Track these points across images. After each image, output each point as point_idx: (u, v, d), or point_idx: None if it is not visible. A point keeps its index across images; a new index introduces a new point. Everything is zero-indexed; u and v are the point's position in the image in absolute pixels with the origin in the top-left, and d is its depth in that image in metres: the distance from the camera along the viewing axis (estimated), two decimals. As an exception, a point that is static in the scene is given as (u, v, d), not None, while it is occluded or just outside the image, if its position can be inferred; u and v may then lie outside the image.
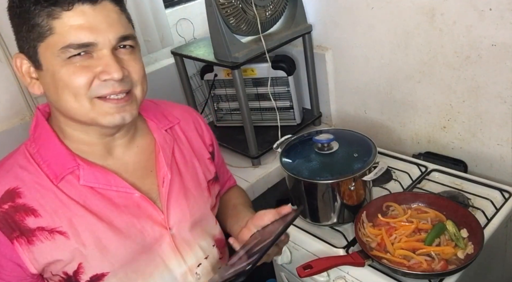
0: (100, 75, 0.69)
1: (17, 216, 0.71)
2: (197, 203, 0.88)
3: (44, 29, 0.67)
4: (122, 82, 0.71)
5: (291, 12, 1.48)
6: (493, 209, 1.13)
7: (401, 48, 1.33)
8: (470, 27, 1.15)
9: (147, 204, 0.79)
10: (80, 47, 0.67)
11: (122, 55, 0.72)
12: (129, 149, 0.82)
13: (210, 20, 1.31)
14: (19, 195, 0.72)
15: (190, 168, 0.90)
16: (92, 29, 0.67)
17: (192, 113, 0.98)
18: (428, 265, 0.96)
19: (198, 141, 0.95)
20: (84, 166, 0.75)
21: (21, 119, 1.33)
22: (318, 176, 1.09)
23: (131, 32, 0.73)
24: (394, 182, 1.31)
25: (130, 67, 0.73)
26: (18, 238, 0.71)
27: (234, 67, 1.32)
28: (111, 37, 0.69)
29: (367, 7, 1.34)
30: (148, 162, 0.84)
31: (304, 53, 1.54)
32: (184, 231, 0.84)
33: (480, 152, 1.30)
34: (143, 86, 0.76)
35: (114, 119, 0.72)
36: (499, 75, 1.15)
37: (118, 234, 0.76)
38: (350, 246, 1.10)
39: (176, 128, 0.92)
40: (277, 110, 1.53)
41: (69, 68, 0.68)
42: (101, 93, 0.70)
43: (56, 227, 0.72)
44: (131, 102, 0.74)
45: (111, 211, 0.76)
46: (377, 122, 1.54)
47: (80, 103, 0.70)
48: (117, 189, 0.77)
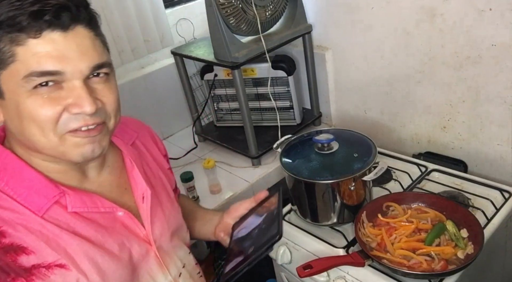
0: (70, 108, 0.63)
1: (8, 258, 0.64)
2: (172, 214, 0.88)
3: (6, 56, 0.61)
4: (95, 115, 0.66)
5: (291, 12, 1.48)
6: (493, 209, 1.13)
7: (401, 48, 1.33)
8: (470, 27, 1.15)
9: (131, 221, 0.77)
10: (44, 75, 0.61)
11: (95, 84, 0.67)
12: (102, 170, 0.79)
13: (210, 20, 1.31)
14: (3, 234, 0.64)
15: (158, 180, 0.88)
16: (61, 58, 0.62)
17: (144, 125, 0.95)
18: (428, 265, 0.96)
19: (157, 152, 0.93)
20: (69, 192, 0.70)
21: None
22: (318, 176, 1.09)
23: (106, 59, 0.68)
24: (394, 182, 1.31)
25: (104, 98, 0.68)
26: (15, 281, 0.64)
27: (234, 67, 1.32)
28: (83, 66, 0.63)
29: (367, 7, 1.34)
30: (121, 179, 0.81)
31: (304, 53, 1.54)
32: (165, 244, 0.84)
33: (480, 152, 1.30)
34: (116, 118, 0.72)
35: (84, 151, 0.67)
36: (499, 75, 1.15)
37: (112, 256, 0.73)
38: (350, 246, 1.10)
39: (137, 142, 0.89)
40: (277, 110, 1.53)
41: (36, 99, 0.62)
42: (71, 127, 0.65)
43: (53, 261, 0.67)
44: (103, 133, 0.69)
45: (101, 234, 0.72)
46: (377, 122, 1.54)
47: (48, 137, 0.65)
48: (104, 210, 0.74)
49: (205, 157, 1.52)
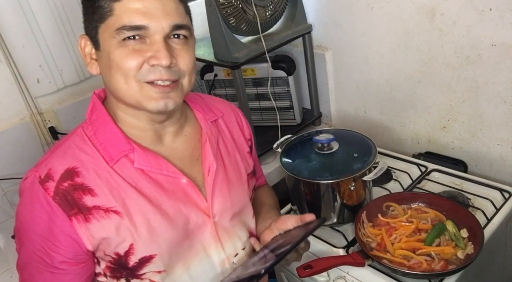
0: (149, 60, 0.71)
1: (76, 194, 0.73)
2: (238, 194, 0.90)
3: (105, 11, 0.70)
4: (170, 70, 0.73)
5: (291, 12, 1.48)
6: (493, 209, 1.13)
7: (401, 48, 1.33)
8: (470, 27, 1.15)
9: (193, 191, 0.82)
10: (133, 29, 0.70)
11: (174, 44, 0.74)
12: (178, 137, 0.85)
13: (210, 20, 1.31)
14: (78, 174, 0.74)
15: (233, 160, 0.92)
16: (147, 14, 0.70)
17: (234, 108, 1.01)
18: (428, 265, 0.96)
19: (239, 134, 0.98)
20: (138, 150, 0.78)
21: (21, 119, 1.33)
22: (318, 176, 1.09)
23: (186, 22, 0.75)
24: (394, 182, 1.31)
25: (179, 57, 0.74)
26: (76, 215, 0.73)
27: (234, 67, 1.32)
28: (165, 24, 0.71)
29: (367, 7, 1.34)
30: (194, 150, 0.86)
31: (304, 53, 1.54)
32: (225, 221, 0.86)
33: (480, 152, 1.30)
34: (191, 77, 0.78)
35: (158, 104, 0.74)
36: (499, 75, 1.15)
37: (166, 218, 0.78)
38: (350, 246, 1.10)
39: (220, 121, 0.94)
40: (277, 110, 1.53)
41: (123, 50, 0.71)
42: (148, 78, 0.72)
43: (111, 206, 0.75)
44: (176, 89, 0.75)
45: (160, 195, 0.78)
46: (377, 122, 1.54)
47: (129, 85, 0.72)
48: (167, 174, 0.79)
49: (205, 157, 1.52)
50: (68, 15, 1.30)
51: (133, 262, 0.77)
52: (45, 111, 1.37)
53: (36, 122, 1.35)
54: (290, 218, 0.87)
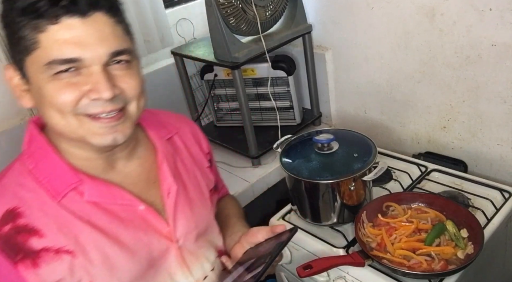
0: (88, 93, 0.64)
1: (20, 238, 0.66)
2: (202, 213, 0.85)
3: (30, 43, 0.62)
4: (114, 101, 0.66)
5: (291, 12, 1.48)
6: (493, 209, 1.13)
7: (401, 48, 1.33)
8: (470, 27, 1.15)
9: (152, 216, 0.76)
10: (65, 63, 0.62)
11: (116, 71, 0.66)
12: (130, 161, 0.79)
13: (210, 20, 1.31)
14: (20, 215, 0.67)
15: (192, 178, 0.87)
16: (80, 44, 0.62)
17: (188, 122, 0.95)
18: (428, 265, 0.96)
19: (197, 149, 0.92)
20: (87, 181, 0.71)
21: (21, 119, 1.33)
22: (318, 176, 1.09)
23: (127, 46, 0.68)
24: (394, 182, 1.31)
25: (124, 84, 0.67)
26: (23, 260, 0.66)
27: (234, 67, 1.32)
28: (102, 52, 0.63)
29: (367, 7, 1.34)
30: (150, 173, 0.80)
31: (304, 53, 1.54)
32: (190, 243, 0.81)
33: (480, 152, 1.30)
34: (140, 103, 0.71)
35: (104, 139, 0.68)
36: (499, 75, 1.15)
37: (125, 250, 0.72)
38: (350, 246, 1.10)
39: (175, 138, 0.88)
40: (277, 110, 1.53)
41: (55, 84, 0.63)
42: (89, 112, 0.65)
43: (62, 246, 0.68)
44: (124, 120, 0.69)
45: (117, 226, 0.72)
46: (377, 122, 1.54)
47: (66, 120, 0.66)
48: (122, 203, 0.74)
49: (205, 157, 1.52)
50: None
51: None
52: (45, 111, 1.37)
53: (36, 122, 1.35)
54: (260, 230, 0.83)
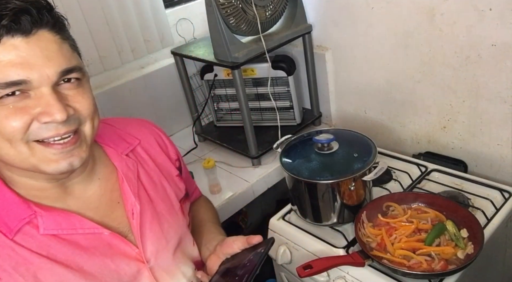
0: (39, 117, 0.59)
1: None
2: (172, 227, 0.82)
3: None
4: (67, 123, 0.62)
5: (291, 12, 1.48)
6: (493, 209, 1.13)
7: (401, 48, 1.33)
8: (470, 27, 1.15)
9: (118, 241, 0.72)
10: (9, 86, 0.57)
11: (66, 90, 0.63)
12: (90, 184, 0.74)
13: (210, 20, 1.31)
14: None
15: (160, 190, 0.83)
16: (25, 65, 0.57)
17: (151, 128, 0.90)
18: (428, 265, 0.96)
19: (163, 158, 0.87)
20: (42, 213, 0.66)
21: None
22: (318, 176, 1.09)
23: (76, 63, 0.63)
24: (394, 182, 1.31)
25: (76, 104, 0.63)
26: None
27: (234, 67, 1.32)
28: (50, 72, 0.59)
29: (367, 7, 1.34)
30: (113, 193, 0.76)
31: (304, 53, 1.54)
32: (163, 261, 0.78)
33: (480, 152, 1.30)
34: (93, 122, 0.67)
35: (60, 166, 0.63)
36: (499, 75, 1.15)
37: (91, 279, 0.68)
38: (350, 246, 1.10)
39: (138, 149, 0.83)
40: (277, 110, 1.53)
41: (1, 110, 0.58)
42: (41, 136, 0.61)
43: None
44: (79, 144, 0.65)
45: (80, 256, 0.68)
46: (377, 122, 1.54)
47: (17, 149, 0.61)
48: (83, 231, 0.69)
49: (205, 157, 1.52)
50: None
51: None
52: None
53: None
54: (236, 241, 0.80)
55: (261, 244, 0.79)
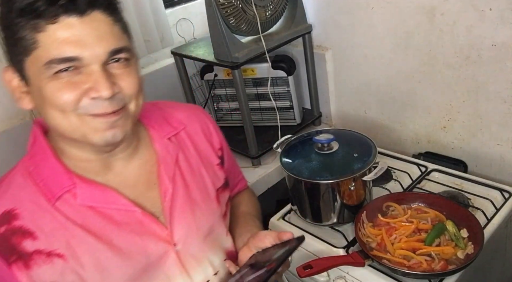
0: (88, 92, 0.65)
1: (14, 239, 0.67)
2: (204, 215, 0.83)
3: (29, 43, 0.63)
4: (113, 101, 0.66)
5: (291, 12, 1.48)
6: (493, 209, 1.13)
7: (401, 48, 1.33)
8: (470, 27, 1.15)
9: (149, 220, 0.75)
10: (64, 62, 0.63)
11: (114, 69, 0.67)
12: (130, 163, 0.78)
13: (210, 20, 1.31)
14: (16, 217, 0.68)
15: (197, 177, 0.85)
16: (78, 43, 0.62)
17: (199, 115, 0.92)
18: (428, 265, 0.96)
19: (206, 146, 0.89)
20: (81, 185, 0.71)
21: (21, 119, 1.33)
22: (318, 176, 1.09)
23: (125, 44, 0.68)
24: (394, 182, 1.31)
25: (122, 82, 0.68)
26: (16, 262, 0.67)
27: (234, 67, 1.32)
28: (100, 51, 0.64)
29: (367, 7, 1.34)
30: (151, 174, 0.79)
31: (304, 53, 1.54)
32: (191, 246, 0.80)
33: (480, 152, 1.30)
34: (138, 101, 0.71)
35: (105, 136, 0.68)
36: (499, 75, 1.15)
37: (118, 254, 0.72)
38: (350, 246, 1.10)
39: (182, 134, 0.86)
40: (277, 110, 1.53)
41: (55, 84, 0.64)
42: (90, 112, 0.66)
43: (53, 249, 0.68)
44: (124, 117, 0.69)
45: (111, 230, 0.72)
46: (377, 122, 1.54)
47: (68, 119, 0.66)
48: (117, 207, 0.73)
49: (205, 157, 1.52)
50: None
51: None
52: (45, 111, 1.37)
53: (36, 122, 1.35)
54: (268, 235, 0.82)
55: (291, 240, 0.80)
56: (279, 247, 0.80)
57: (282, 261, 0.74)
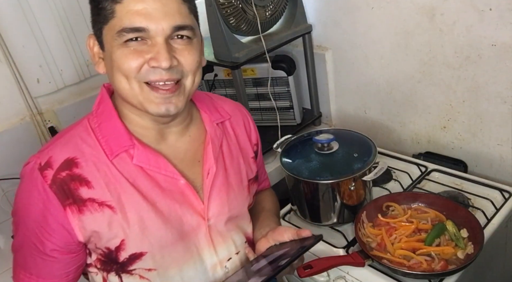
0: (150, 61, 0.71)
1: (72, 185, 0.74)
2: (237, 199, 0.89)
3: (108, 12, 0.71)
4: (171, 71, 0.72)
5: (291, 12, 1.48)
6: (493, 209, 1.13)
7: (401, 48, 1.33)
8: (470, 27, 1.15)
9: (190, 192, 0.81)
10: (133, 31, 0.70)
11: (177, 44, 0.73)
12: (181, 137, 0.85)
13: (210, 20, 1.31)
14: (77, 165, 0.75)
15: (235, 164, 0.91)
16: (147, 15, 0.69)
17: (242, 111, 0.99)
18: (428, 265, 0.96)
19: (245, 139, 0.96)
20: (139, 147, 0.78)
21: (21, 119, 1.33)
22: (318, 176, 1.09)
23: (189, 23, 0.74)
24: (394, 182, 1.31)
25: (181, 57, 0.73)
26: (71, 205, 0.73)
27: (234, 67, 1.32)
28: (165, 26, 0.70)
29: (367, 7, 1.34)
30: (197, 152, 0.86)
31: (304, 53, 1.54)
32: (220, 224, 0.86)
33: (480, 152, 1.30)
34: (194, 78, 0.77)
35: (159, 109, 0.74)
36: (499, 75, 1.15)
37: (160, 216, 0.78)
38: (350, 246, 1.10)
39: (227, 123, 0.93)
40: (277, 110, 1.53)
41: (124, 50, 0.71)
42: (148, 78, 0.72)
43: (106, 200, 0.75)
44: (178, 93, 0.75)
45: (156, 193, 0.78)
46: (377, 122, 1.54)
47: (131, 85, 0.73)
48: (166, 174, 0.79)
49: (205, 157, 1.52)
50: (68, 15, 1.29)
51: (123, 258, 0.77)
52: (45, 111, 1.37)
53: (36, 122, 1.35)
54: (287, 230, 0.87)
55: (309, 238, 0.84)
56: (296, 243, 0.83)
57: (297, 256, 0.77)
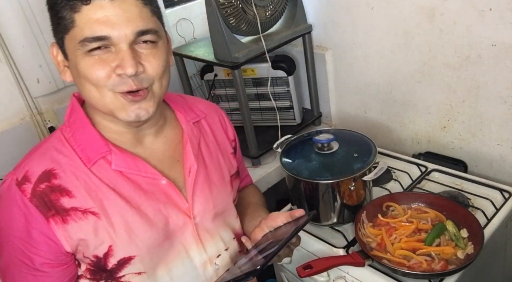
0: (116, 69, 0.70)
1: (53, 196, 0.73)
2: (221, 195, 0.90)
3: (68, 22, 0.69)
4: (137, 79, 0.71)
5: (291, 12, 1.48)
6: (493, 209, 1.13)
7: (401, 48, 1.33)
8: (470, 27, 1.15)
9: (173, 191, 0.81)
10: (95, 41, 0.68)
11: (142, 49, 0.72)
12: (157, 138, 0.85)
13: (210, 20, 1.31)
14: (55, 176, 0.75)
15: (215, 161, 0.92)
16: (108, 23, 0.68)
17: (217, 109, 1.00)
18: (428, 265, 0.96)
19: (223, 135, 0.97)
20: (116, 152, 0.78)
21: (21, 119, 1.33)
22: (318, 176, 1.09)
23: (152, 26, 0.72)
24: (394, 182, 1.31)
25: (147, 63, 0.72)
26: (54, 216, 0.73)
27: (234, 67, 1.32)
28: (128, 32, 0.69)
29: (367, 7, 1.34)
30: (175, 151, 0.86)
31: (304, 53, 1.54)
32: (207, 221, 0.86)
33: (480, 152, 1.30)
34: (162, 82, 0.76)
35: (129, 115, 0.73)
36: (499, 75, 1.15)
37: (145, 219, 0.78)
38: (350, 246, 1.10)
39: (203, 121, 0.94)
40: (277, 110, 1.53)
41: (89, 60, 0.70)
42: (119, 89, 0.71)
43: (89, 207, 0.75)
44: (149, 98, 0.74)
45: (139, 196, 0.78)
46: (377, 122, 1.54)
47: (102, 93, 0.72)
48: (146, 175, 0.79)
49: (205, 157, 1.52)
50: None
51: (112, 264, 0.77)
52: (45, 111, 1.37)
53: (36, 122, 1.35)
54: (280, 215, 0.88)
55: (302, 217, 0.85)
56: (291, 225, 0.84)
57: (291, 235, 0.78)
